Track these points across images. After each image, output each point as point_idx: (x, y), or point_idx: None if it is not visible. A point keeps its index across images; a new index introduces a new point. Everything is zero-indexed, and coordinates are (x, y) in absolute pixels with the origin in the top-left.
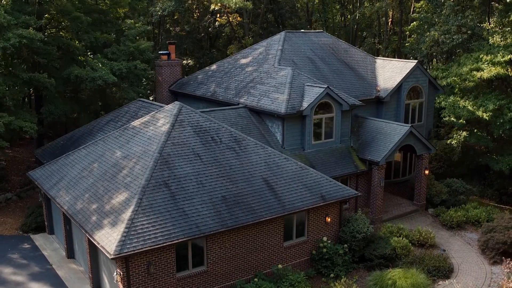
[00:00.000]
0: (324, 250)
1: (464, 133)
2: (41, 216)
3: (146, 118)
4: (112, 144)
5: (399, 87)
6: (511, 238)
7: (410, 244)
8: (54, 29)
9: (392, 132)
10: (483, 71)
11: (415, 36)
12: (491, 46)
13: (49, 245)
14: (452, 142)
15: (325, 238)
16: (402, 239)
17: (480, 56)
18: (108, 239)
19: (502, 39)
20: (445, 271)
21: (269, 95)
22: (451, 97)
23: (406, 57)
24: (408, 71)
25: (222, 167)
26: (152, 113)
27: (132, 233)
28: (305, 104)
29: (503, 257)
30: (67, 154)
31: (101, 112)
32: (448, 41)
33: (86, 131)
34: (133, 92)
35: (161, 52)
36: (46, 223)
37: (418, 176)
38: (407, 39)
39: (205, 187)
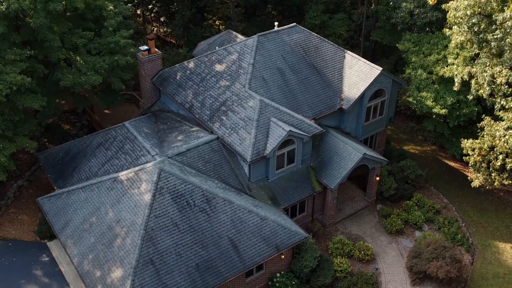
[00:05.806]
0: (277, 284)
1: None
2: None
3: (131, 174)
4: (105, 198)
5: (362, 95)
6: (430, 271)
7: (352, 259)
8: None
9: (347, 156)
10: (447, 66)
11: None
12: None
13: (64, 257)
14: (416, 109)
15: (278, 274)
16: (344, 259)
17: (449, 48)
18: None
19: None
20: None
21: (238, 131)
22: (419, 71)
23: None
24: (372, 80)
25: (195, 233)
26: (137, 169)
27: None
28: (269, 148)
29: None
30: (68, 192)
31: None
32: (422, 16)
33: (81, 148)
34: (120, 81)
35: (142, 48)
36: None
37: (369, 181)
38: None
39: (182, 258)
